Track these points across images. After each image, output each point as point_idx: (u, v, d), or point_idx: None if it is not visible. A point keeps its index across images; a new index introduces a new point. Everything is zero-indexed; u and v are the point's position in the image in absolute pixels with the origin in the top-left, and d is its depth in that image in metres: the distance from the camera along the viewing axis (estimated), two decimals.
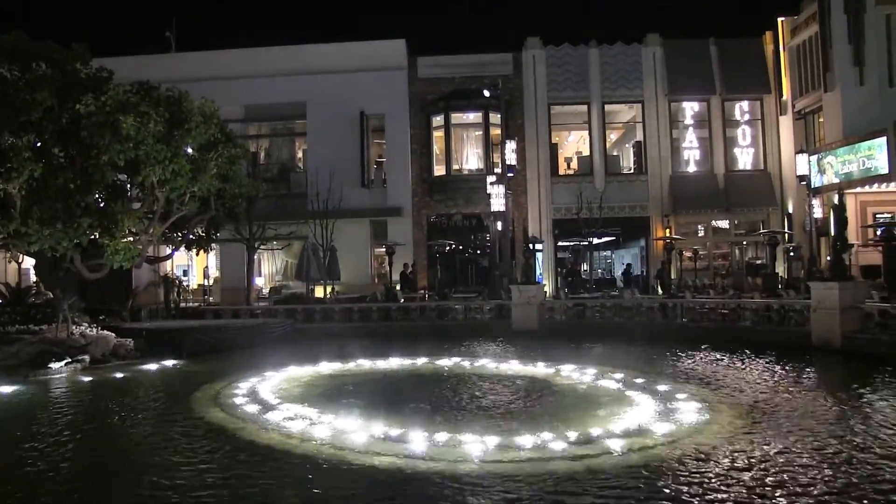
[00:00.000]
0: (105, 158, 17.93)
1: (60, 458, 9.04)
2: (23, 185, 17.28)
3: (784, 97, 31.89)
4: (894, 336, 16.19)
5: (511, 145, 28.32)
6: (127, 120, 17.54)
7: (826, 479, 7.56)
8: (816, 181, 27.36)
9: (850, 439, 9.10)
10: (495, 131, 31.70)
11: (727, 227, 33.56)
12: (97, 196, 19.47)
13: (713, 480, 7.55)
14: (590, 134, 33.14)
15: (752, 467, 7.98)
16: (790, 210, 31.67)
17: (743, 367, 15.44)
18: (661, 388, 12.65)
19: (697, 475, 7.73)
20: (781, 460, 8.22)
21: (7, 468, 8.64)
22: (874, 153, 24.90)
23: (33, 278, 26.78)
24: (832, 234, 21.78)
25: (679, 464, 8.16)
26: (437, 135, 32.89)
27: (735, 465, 8.11)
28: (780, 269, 29.70)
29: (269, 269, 35.24)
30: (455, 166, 32.72)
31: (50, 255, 19.03)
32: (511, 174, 28.52)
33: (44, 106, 18.11)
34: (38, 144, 18.42)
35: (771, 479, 7.56)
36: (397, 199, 32.55)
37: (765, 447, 8.74)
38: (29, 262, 26.04)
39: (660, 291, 28.63)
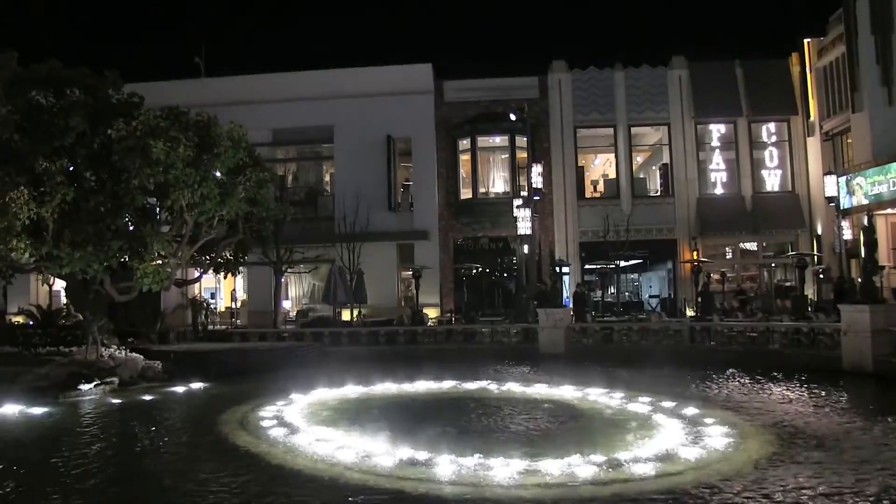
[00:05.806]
0: (135, 182, 18.13)
1: (91, 480, 9.11)
2: (55, 208, 17.51)
3: (811, 118, 31.65)
4: None
5: (537, 168, 28.33)
6: (157, 144, 17.73)
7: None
8: (845, 202, 27.01)
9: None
10: (521, 154, 31.74)
11: (755, 249, 33.27)
12: (127, 219, 19.68)
13: None
14: (616, 157, 33.09)
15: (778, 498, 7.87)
16: (819, 232, 31.33)
17: (772, 390, 15.23)
18: (689, 412, 12.50)
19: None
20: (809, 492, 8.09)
21: (36, 488, 8.71)
22: None
23: (64, 300, 27.12)
24: (862, 256, 21.48)
25: (706, 491, 8.06)
26: (464, 158, 33.01)
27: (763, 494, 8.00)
28: (810, 291, 29.36)
29: (296, 292, 35.38)
30: (482, 189, 32.81)
31: (80, 277, 19.24)
32: (537, 197, 28.50)
33: (77, 131, 18.41)
34: (71, 169, 18.70)
35: None
36: (424, 223, 32.61)
37: (793, 477, 8.60)
38: (60, 285, 26.40)
39: (689, 313, 28.35)
